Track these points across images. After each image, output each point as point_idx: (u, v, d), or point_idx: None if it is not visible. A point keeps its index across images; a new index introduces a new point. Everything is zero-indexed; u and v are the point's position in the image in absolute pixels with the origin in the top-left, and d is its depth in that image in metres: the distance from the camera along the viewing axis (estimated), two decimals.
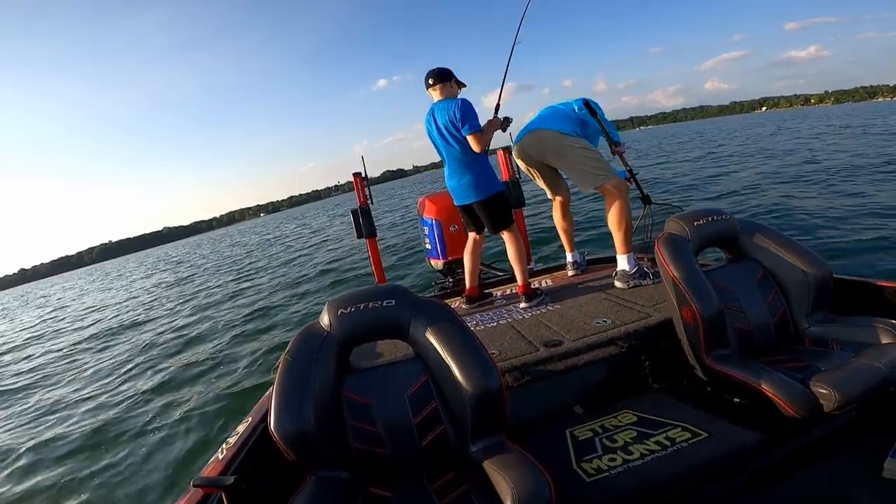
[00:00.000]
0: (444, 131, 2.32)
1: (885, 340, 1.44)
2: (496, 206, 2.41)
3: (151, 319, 9.39)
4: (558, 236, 3.00)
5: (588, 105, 2.55)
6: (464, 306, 2.72)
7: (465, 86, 2.45)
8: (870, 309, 1.67)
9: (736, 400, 1.54)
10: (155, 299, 12.32)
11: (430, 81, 2.37)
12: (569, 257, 2.95)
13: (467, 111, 2.24)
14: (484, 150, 2.32)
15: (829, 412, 1.29)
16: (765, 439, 1.37)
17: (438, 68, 2.38)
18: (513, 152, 2.82)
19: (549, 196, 2.87)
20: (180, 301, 10.88)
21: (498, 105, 2.63)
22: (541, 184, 2.84)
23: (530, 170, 2.79)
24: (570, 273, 2.92)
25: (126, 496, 3.04)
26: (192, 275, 16.82)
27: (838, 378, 1.31)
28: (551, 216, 2.98)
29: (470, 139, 2.26)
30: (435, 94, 2.38)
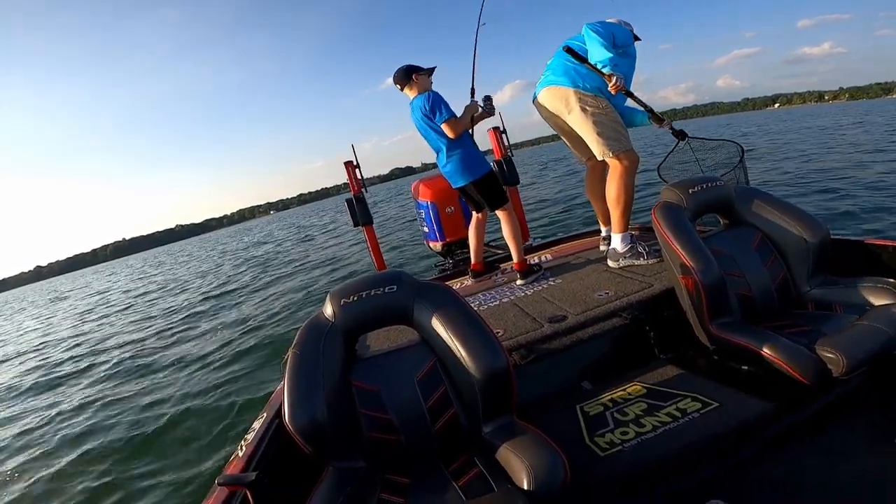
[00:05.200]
0: (424, 124, 2.39)
1: (887, 301, 1.43)
2: (485, 186, 2.47)
3: None
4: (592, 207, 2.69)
5: (571, 51, 2.18)
6: (468, 282, 2.75)
7: (433, 69, 2.44)
8: (869, 269, 1.65)
9: (744, 367, 1.52)
10: None
11: (398, 87, 2.45)
12: (604, 231, 2.68)
13: (435, 102, 2.32)
14: (459, 135, 2.37)
15: (838, 377, 1.26)
16: (775, 407, 1.35)
17: (397, 70, 2.43)
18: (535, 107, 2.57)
19: (580, 160, 2.58)
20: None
21: (472, 89, 2.63)
22: (569, 145, 2.55)
23: (555, 129, 2.54)
24: (602, 248, 2.66)
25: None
26: None
27: (844, 341, 1.29)
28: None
29: (444, 127, 2.33)
30: (409, 93, 2.43)
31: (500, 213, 2.48)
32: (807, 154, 11.59)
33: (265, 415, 1.56)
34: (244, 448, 1.38)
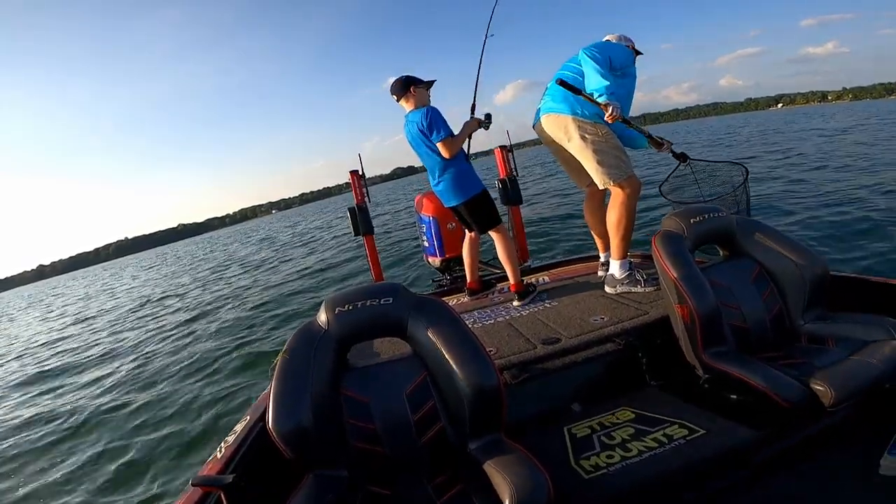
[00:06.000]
0: (419, 140, 2.35)
1: (880, 337, 1.45)
2: (476, 207, 2.43)
3: None
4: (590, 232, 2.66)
5: (565, 84, 2.14)
6: (464, 300, 2.75)
7: (433, 81, 2.40)
8: (865, 305, 1.67)
9: (733, 397, 1.54)
10: None
11: (394, 97, 2.39)
12: (602, 257, 2.62)
13: (433, 120, 2.25)
14: (455, 155, 2.32)
15: (826, 409, 1.29)
16: (762, 436, 1.37)
17: (395, 81, 2.37)
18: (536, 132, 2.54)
19: (578, 186, 2.56)
20: None
21: (473, 105, 2.59)
22: (568, 172, 2.53)
23: (554, 156, 2.53)
24: (601, 273, 2.60)
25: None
26: None
27: (835, 375, 1.32)
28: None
29: (440, 146, 2.28)
30: (406, 105, 2.38)
31: (493, 234, 2.46)
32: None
33: (249, 418, 1.55)
34: (223, 450, 1.38)
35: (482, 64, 2.74)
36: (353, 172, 3.27)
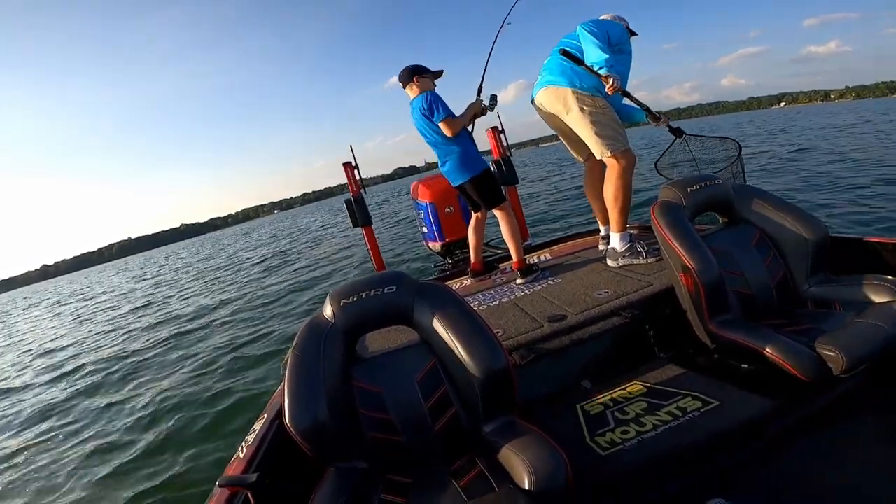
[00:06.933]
0: (423, 122, 2.43)
1: (886, 299, 1.42)
2: (482, 184, 2.49)
3: None
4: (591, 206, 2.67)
5: (567, 54, 2.18)
6: (468, 282, 2.75)
7: (439, 73, 2.49)
8: (868, 266, 1.65)
9: (744, 366, 1.52)
10: None
11: (402, 85, 2.52)
12: (602, 231, 2.64)
13: (434, 101, 2.37)
14: (457, 133, 2.39)
15: (838, 375, 1.26)
16: (777, 405, 1.35)
17: (403, 70, 2.48)
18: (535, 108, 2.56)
19: (577, 159, 2.60)
20: None
21: (480, 87, 2.64)
22: (567, 145, 2.57)
23: (553, 130, 2.54)
24: (601, 247, 2.61)
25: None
26: None
27: (844, 339, 1.29)
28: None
29: (442, 126, 2.37)
30: (410, 93, 2.48)
31: (497, 212, 2.49)
32: None
33: (266, 416, 1.55)
34: (245, 449, 1.38)
35: (494, 48, 2.77)
36: (346, 164, 3.27)
